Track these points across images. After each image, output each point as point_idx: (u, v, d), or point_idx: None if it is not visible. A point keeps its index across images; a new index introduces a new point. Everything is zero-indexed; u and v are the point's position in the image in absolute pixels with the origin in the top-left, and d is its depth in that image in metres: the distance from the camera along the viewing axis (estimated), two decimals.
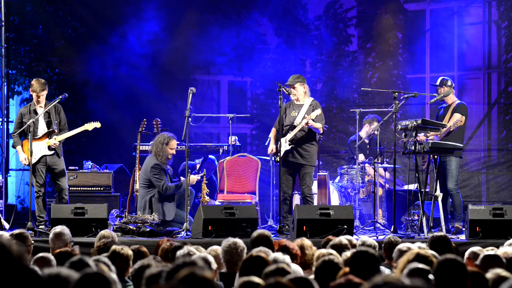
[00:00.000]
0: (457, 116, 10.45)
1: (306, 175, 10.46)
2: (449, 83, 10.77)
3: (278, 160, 10.45)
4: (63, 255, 5.51)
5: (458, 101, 10.77)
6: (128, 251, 5.68)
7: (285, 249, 6.06)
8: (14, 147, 10.52)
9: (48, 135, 10.36)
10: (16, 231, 7.34)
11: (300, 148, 10.45)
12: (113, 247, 5.73)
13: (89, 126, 10.47)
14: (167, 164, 10.56)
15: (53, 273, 3.54)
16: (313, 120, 10.30)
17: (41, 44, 14.29)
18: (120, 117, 14.05)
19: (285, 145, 10.46)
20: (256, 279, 4.15)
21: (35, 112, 10.31)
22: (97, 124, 10.48)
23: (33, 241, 7.32)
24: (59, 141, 10.32)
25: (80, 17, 14.49)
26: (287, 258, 5.53)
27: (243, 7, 15.51)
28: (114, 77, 14.55)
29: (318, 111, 10.35)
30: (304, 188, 10.47)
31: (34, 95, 10.31)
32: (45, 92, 10.31)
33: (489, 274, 4.64)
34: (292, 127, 10.48)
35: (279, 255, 5.50)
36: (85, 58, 14.49)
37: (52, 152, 10.33)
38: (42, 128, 10.37)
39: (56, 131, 10.35)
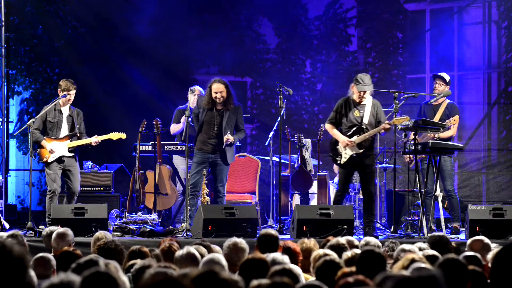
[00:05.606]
0: (457, 118, 10.49)
1: (372, 173, 10.06)
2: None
3: (342, 162, 9.91)
4: (67, 255, 5.51)
5: (449, 101, 10.78)
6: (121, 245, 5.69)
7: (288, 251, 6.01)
8: (37, 142, 10.31)
9: (70, 137, 10.43)
10: (9, 232, 7.38)
11: (365, 150, 9.95)
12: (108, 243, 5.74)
13: (115, 135, 10.59)
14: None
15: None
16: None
17: (41, 44, 14.27)
18: (120, 117, 14.04)
19: (351, 148, 9.87)
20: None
21: (60, 112, 10.40)
22: (123, 135, 10.62)
23: (26, 240, 7.31)
24: (77, 145, 10.39)
25: (80, 17, 14.48)
26: (285, 258, 5.51)
27: (243, 7, 15.50)
28: (114, 77, 14.53)
29: (405, 117, 9.82)
30: (372, 188, 9.99)
31: (66, 96, 10.27)
32: (75, 91, 10.38)
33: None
34: (360, 128, 9.93)
35: (277, 255, 5.47)
36: (85, 58, 14.48)
37: (72, 154, 10.38)
38: (64, 130, 10.43)
39: (78, 135, 10.44)
